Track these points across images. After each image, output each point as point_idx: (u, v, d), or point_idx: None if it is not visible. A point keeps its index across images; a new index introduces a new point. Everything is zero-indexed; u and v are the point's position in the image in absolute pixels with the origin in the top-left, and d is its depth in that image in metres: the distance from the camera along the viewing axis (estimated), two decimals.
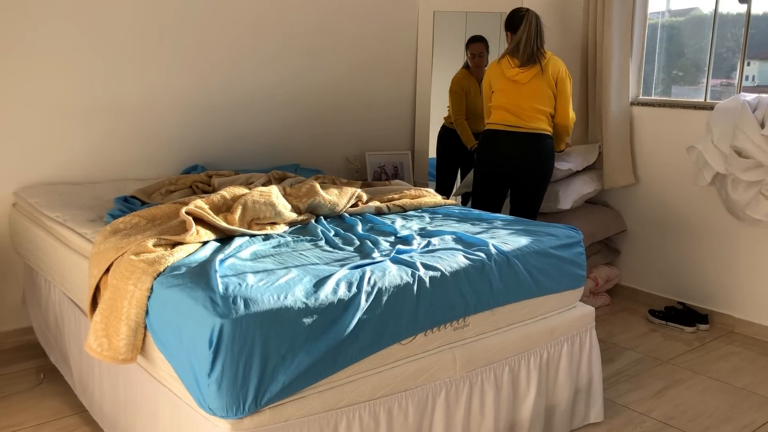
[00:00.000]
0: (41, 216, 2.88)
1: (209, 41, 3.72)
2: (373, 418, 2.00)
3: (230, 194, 2.56)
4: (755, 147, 3.27)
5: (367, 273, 2.02)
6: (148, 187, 3.12)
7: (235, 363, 1.71)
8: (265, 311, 1.76)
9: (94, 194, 3.14)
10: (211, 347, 1.70)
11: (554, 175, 3.92)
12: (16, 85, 3.18)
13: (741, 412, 2.87)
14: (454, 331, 2.20)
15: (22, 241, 3.07)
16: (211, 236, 2.29)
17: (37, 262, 2.92)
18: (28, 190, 3.17)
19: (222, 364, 1.70)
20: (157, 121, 3.62)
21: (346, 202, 2.83)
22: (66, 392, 2.87)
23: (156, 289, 1.96)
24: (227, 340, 1.70)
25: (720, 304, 3.82)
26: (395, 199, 3.02)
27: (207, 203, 2.46)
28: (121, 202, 2.88)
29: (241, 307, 1.75)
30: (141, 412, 2.17)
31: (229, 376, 1.71)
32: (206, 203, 2.45)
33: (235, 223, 2.39)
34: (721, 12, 3.73)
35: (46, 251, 2.79)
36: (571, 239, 2.57)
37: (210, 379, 1.72)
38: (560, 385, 2.54)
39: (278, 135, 4.08)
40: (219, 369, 1.71)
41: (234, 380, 1.72)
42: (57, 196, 3.06)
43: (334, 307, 1.87)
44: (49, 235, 2.79)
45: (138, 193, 3.02)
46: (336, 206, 2.78)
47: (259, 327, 1.74)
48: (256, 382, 1.75)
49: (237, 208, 2.45)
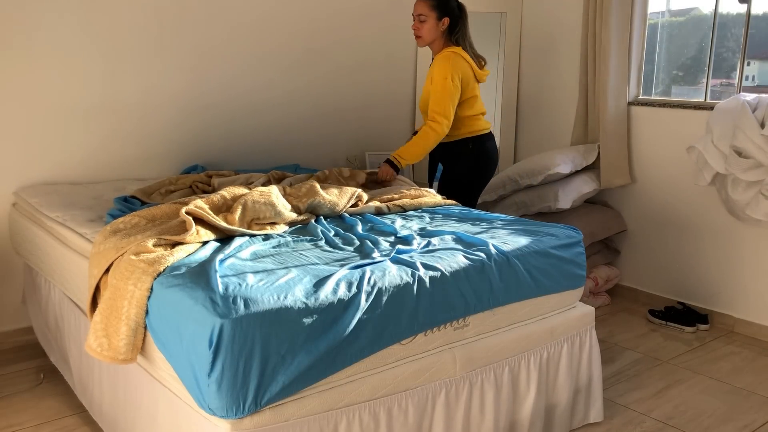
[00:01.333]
0: (41, 216, 2.88)
1: (209, 41, 3.72)
2: (373, 418, 2.00)
3: (230, 194, 2.57)
4: (755, 147, 3.27)
5: (367, 273, 2.02)
6: (148, 187, 3.11)
7: (235, 363, 1.71)
8: (265, 311, 1.76)
9: (93, 194, 3.14)
10: (211, 347, 1.70)
11: (554, 175, 3.92)
12: (16, 85, 3.18)
13: (741, 412, 2.87)
14: (454, 331, 2.20)
15: (21, 241, 3.07)
16: (211, 236, 2.29)
17: (36, 262, 2.92)
18: (28, 190, 3.17)
19: (222, 364, 1.70)
20: (156, 120, 3.62)
21: (345, 202, 2.83)
22: (66, 392, 2.87)
23: (156, 289, 1.96)
24: (227, 340, 1.70)
25: (720, 304, 3.82)
26: (395, 199, 3.02)
27: (207, 203, 2.46)
28: (120, 202, 2.87)
29: (241, 307, 1.75)
30: (141, 413, 2.17)
31: (229, 376, 1.71)
32: (206, 203, 2.45)
33: (235, 223, 2.39)
34: (721, 12, 3.73)
35: (45, 251, 2.79)
36: (571, 239, 2.57)
37: (210, 379, 1.72)
38: (560, 384, 2.54)
39: (278, 134, 4.08)
40: (219, 369, 1.71)
41: (234, 380, 1.72)
42: (57, 196, 3.06)
43: (334, 307, 1.87)
44: (49, 235, 2.79)
45: (138, 193, 3.02)
46: (336, 206, 2.77)
47: (259, 327, 1.74)
48: (256, 382, 1.75)
49: (237, 208, 2.45)
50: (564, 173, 3.91)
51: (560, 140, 4.43)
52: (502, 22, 4.62)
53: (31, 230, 2.95)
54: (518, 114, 4.66)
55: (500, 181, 4.12)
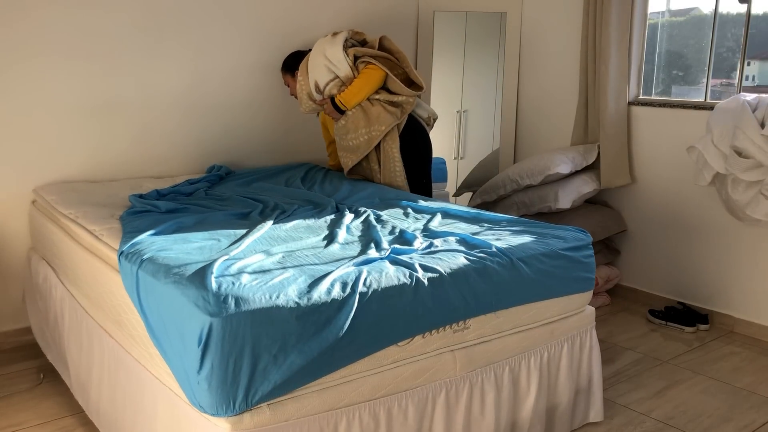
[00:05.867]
0: (56, 213, 2.91)
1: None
2: (373, 418, 2.00)
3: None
4: (755, 147, 3.27)
5: (363, 274, 2.01)
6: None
7: (225, 361, 1.71)
8: (255, 310, 1.76)
9: (109, 192, 3.17)
10: (200, 344, 1.71)
11: (554, 175, 3.92)
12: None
13: (741, 412, 2.87)
14: (454, 333, 2.18)
15: (40, 238, 3.10)
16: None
17: (52, 258, 2.94)
18: (46, 188, 3.21)
19: (211, 362, 1.71)
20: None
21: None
22: (66, 392, 2.87)
23: (153, 284, 1.97)
24: (217, 338, 1.70)
25: (720, 304, 3.82)
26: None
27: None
28: (136, 198, 2.92)
29: (232, 306, 1.75)
30: (141, 412, 2.17)
31: (219, 373, 1.71)
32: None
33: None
34: (721, 12, 3.73)
35: (59, 247, 2.82)
36: (579, 242, 2.52)
37: (200, 376, 1.73)
38: (561, 385, 2.54)
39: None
40: (208, 366, 1.71)
41: (224, 378, 1.72)
42: (73, 194, 3.09)
43: (327, 307, 1.87)
44: (62, 232, 2.82)
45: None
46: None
47: (249, 326, 1.74)
48: (247, 381, 1.75)
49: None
50: (564, 173, 3.91)
51: (560, 140, 4.43)
52: (502, 22, 4.62)
53: (47, 227, 2.98)
54: (518, 114, 4.66)
55: (500, 181, 4.12)
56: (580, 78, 4.17)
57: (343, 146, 3.56)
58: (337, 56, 3.44)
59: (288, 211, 2.83)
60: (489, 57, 4.78)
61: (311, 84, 3.51)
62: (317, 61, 3.49)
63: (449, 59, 4.76)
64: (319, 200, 3.06)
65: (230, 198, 3.08)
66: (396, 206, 2.99)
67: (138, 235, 2.33)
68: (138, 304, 2.05)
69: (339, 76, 3.47)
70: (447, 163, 5.11)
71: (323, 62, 3.46)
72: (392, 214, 2.85)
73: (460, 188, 4.84)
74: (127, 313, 2.20)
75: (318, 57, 3.49)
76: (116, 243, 2.37)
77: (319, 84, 3.49)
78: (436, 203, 3.05)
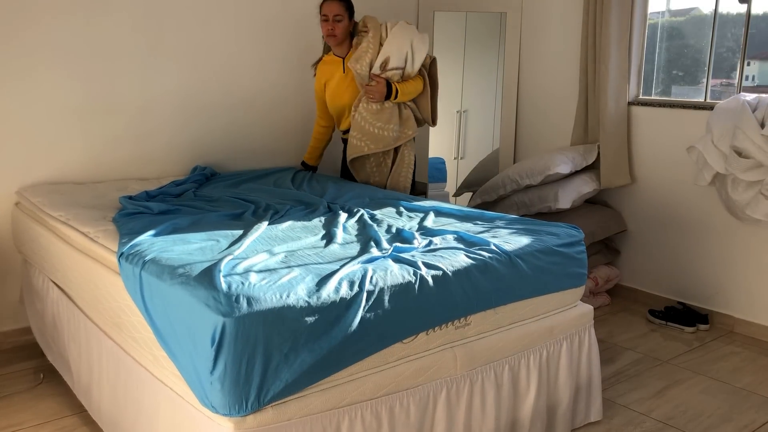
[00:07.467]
0: (44, 215, 2.88)
1: (209, 40, 3.72)
2: (375, 416, 2.00)
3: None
4: (755, 147, 3.27)
5: (369, 272, 2.02)
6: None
7: (238, 361, 1.71)
8: (267, 310, 1.76)
9: (95, 193, 3.15)
10: (213, 345, 1.70)
11: (554, 175, 3.92)
12: (19, 86, 3.19)
13: (741, 412, 2.87)
14: (456, 330, 2.20)
15: (24, 239, 3.07)
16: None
17: (39, 261, 2.92)
18: (30, 190, 3.18)
19: (225, 362, 1.70)
20: (159, 121, 3.62)
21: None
22: (66, 392, 2.86)
23: (159, 286, 1.96)
24: (230, 339, 1.70)
25: (720, 304, 3.82)
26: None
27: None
28: (127, 200, 2.90)
29: (244, 306, 1.74)
30: (142, 412, 2.17)
31: (232, 374, 1.71)
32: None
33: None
34: (721, 12, 3.73)
35: (48, 249, 2.79)
36: (572, 238, 2.57)
37: (213, 377, 1.72)
38: (561, 383, 2.54)
39: (281, 134, 4.08)
40: (222, 367, 1.71)
41: (237, 378, 1.72)
42: (59, 196, 3.06)
43: (337, 306, 1.87)
44: (52, 234, 2.79)
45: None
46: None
47: (261, 325, 1.74)
48: (259, 380, 1.75)
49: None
50: (564, 173, 3.92)
51: (560, 140, 4.43)
52: (502, 22, 4.62)
53: (34, 229, 2.95)
54: (518, 114, 4.66)
55: (500, 181, 4.12)
56: (580, 78, 4.17)
57: (366, 130, 3.50)
58: (420, 54, 3.50)
59: (281, 211, 2.82)
60: (489, 57, 4.79)
61: (380, 56, 3.46)
62: (401, 43, 3.47)
63: (449, 59, 4.76)
64: (311, 200, 3.05)
65: (220, 199, 3.07)
66: (388, 205, 3.00)
67: (136, 237, 2.31)
68: (142, 305, 2.04)
69: (405, 69, 3.50)
70: (447, 163, 5.12)
71: (406, 49, 3.47)
72: (386, 213, 2.86)
73: (459, 188, 4.84)
74: (127, 314, 2.19)
75: (404, 40, 3.47)
76: (113, 245, 2.36)
77: (389, 63, 3.46)
78: (427, 202, 3.06)
